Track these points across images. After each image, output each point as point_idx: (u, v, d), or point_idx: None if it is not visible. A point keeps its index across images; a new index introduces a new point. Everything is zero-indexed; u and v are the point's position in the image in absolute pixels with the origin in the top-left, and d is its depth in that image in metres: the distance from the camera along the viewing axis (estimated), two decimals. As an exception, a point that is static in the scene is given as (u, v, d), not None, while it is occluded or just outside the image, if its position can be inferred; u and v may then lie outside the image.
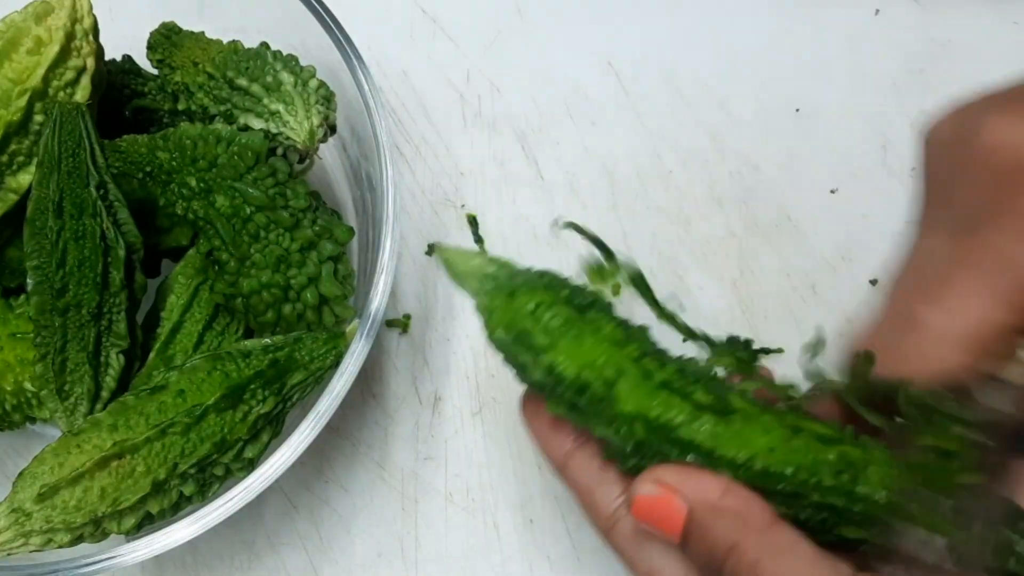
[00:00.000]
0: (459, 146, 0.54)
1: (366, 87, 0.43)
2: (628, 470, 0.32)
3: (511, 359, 0.33)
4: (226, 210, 0.42)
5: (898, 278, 0.32)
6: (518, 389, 0.50)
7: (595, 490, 0.33)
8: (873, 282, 0.51)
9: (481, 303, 0.34)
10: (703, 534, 0.30)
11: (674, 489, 0.30)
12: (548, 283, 0.33)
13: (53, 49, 0.41)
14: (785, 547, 0.29)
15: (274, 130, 0.44)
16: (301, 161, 0.46)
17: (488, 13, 0.56)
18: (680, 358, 0.33)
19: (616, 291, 0.35)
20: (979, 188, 0.31)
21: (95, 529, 0.39)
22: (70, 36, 0.41)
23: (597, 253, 0.35)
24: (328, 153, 0.52)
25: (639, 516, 0.31)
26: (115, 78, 0.48)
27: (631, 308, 0.35)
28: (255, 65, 0.44)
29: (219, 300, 0.44)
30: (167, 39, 0.47)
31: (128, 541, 0.38)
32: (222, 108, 0.45)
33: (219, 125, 0.45)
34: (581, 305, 0.32)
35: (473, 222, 0.53)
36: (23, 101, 0.41)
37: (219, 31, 0.48)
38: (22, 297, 0.44)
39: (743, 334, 0.35)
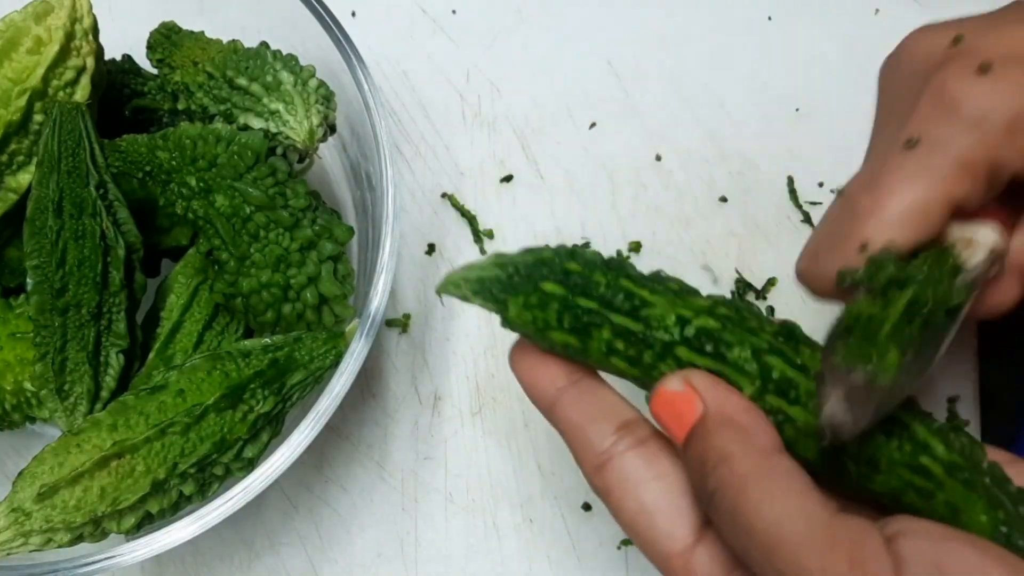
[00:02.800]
0: (459, 146, 0.54)
1: (366, 87, 0.43)
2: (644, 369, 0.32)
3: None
4: (226, 210, 0.42)
5: (849, 182, 0.35)
6: (518, 389, 0.50)
7: (587, 427, 0.32)
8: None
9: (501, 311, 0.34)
10: (703, 440, 0.29)
11: (698, 391, 0.30)
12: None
13: (53, 49, 0.41)
14: (780, 473, 0.28)
15: (274, 130, 0.44)
16: (301, 161, 0.46)
17: (488, 13, 0.56)
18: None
19: None
20: (907, 93, 0.34)
21: (95, 529, 0.39)
22: (70, 36, 0.41)
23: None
24: (328, 153, 0.52)
25: (656, 409, 0.31)
26: (115, 78, 0.48)
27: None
28: (255, 65, 0.44)
29: (219, 300, 0.44)
30: (167, 39, 0.47)
31: (128, 541, 0.38)
32: (222, 108, 0.45)
33: (219, 125, 0.45)
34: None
35: (472, 220, 0.53)
36: (23, 101, 0.41)
37: (219, 31, 0.48)
38: (22, 297, 0.44)
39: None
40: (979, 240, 0.32)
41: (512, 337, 0.35)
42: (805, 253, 0.35)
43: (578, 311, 0.32)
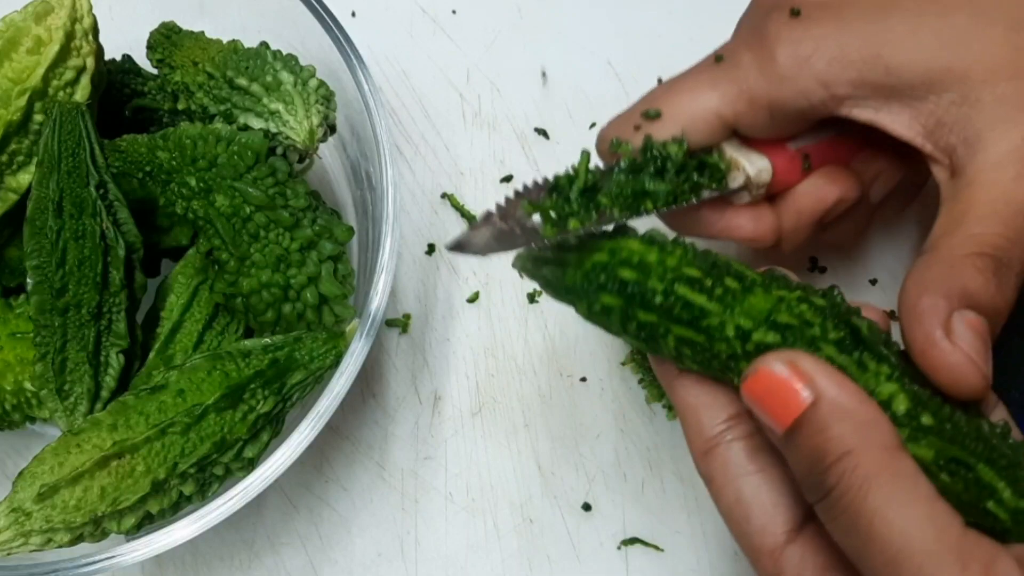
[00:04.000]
0: (459, 146, 0.54)
1: (366, 87, 0.43)
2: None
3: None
4: (226, 210, 0.42)
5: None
6: (518, 389, 0.50)
7: (700, 410, 0.32)
8: (873, 281, 0.51)
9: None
10: (819, 432, 0.27)
11: (807, 376, 0.28)
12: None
13: (53, 49, 0.41)
14: (906, 475, 0.26)
15: (274, 130, 0.44)
16: (301, 161, 0.46)
17: (488, 13, 0.56)
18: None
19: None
20: (746, 26, 0.38)
21: (95, 529, 0.39)
22: (70, 36, 0.41)
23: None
24: (328, 153, 0.52)
25: (750, 392, 0.29)
26: (115, 78, 0.48)
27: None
28: (255, 65, 0.44)
29: (219, 300, 0.44)
30: (167, 39, 0.47)
31: (128, 541, 0.38)
32: (222, 108, 0.45)
33: (219, 125, 0.45)
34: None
35: (472, 220, 0.53)
36: (23, 101, 0.41)
37: (219, 31, 0.48)
38: (22, 297, 0.44)
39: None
40: (739, 163, 0.36)
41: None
42: (610, 122, 0.38)
43: (640, 322, 0.32)
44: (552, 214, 0.34)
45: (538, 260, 0.34)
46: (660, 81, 0.37)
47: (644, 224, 0.34)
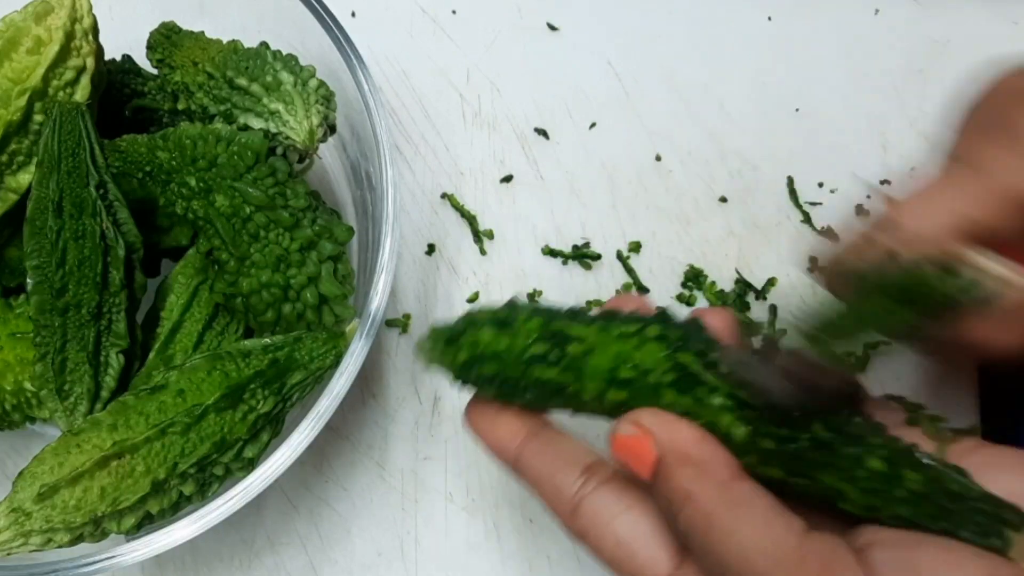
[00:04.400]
0: (459, 146, 0.54)
1: (366, 87, 0.43)
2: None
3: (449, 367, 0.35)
4: (226, 210, 0.42)
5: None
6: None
7: (554, 475, 0.33)
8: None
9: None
10: (666, 481, 0.30)
11: (649, 432, 0.31)
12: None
13: (53, 49, 0.41)
14: (742, 501, 0.29)
15: (274, 130, 0.44)
16: (301, 161, 0.46)
17: (488, 13, 0.56)
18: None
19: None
20: (982, 118, 0.35)
21: (95, 529, 0.39)
22: (70, 36, 0.41)
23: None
24: (328, 153, 0.52)
25: (617, 452, 0.31)
26: (115, 78, 0.48)
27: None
28: (255, 65, 0.44)
29: (219, 300, 0.44)
30: (167, 39, 0.47)
31: (128, 541, 0.38)
32: (222, 108, 0.45)
33: (219, 125, 0.45)
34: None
35: (472, 221, 0.53)
36: (23, 101, 0.41)
37: (219, 31, 0.48)
38: (22, 297, 0.44)
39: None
40: (989, 271, 0.32)
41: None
42: (838, 245, 0.35)
43: (523, 401, 0.34)
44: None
45: (434, 347, 0.35)
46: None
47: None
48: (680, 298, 0.51)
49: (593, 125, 0.54)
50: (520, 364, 0.33)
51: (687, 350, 0.32)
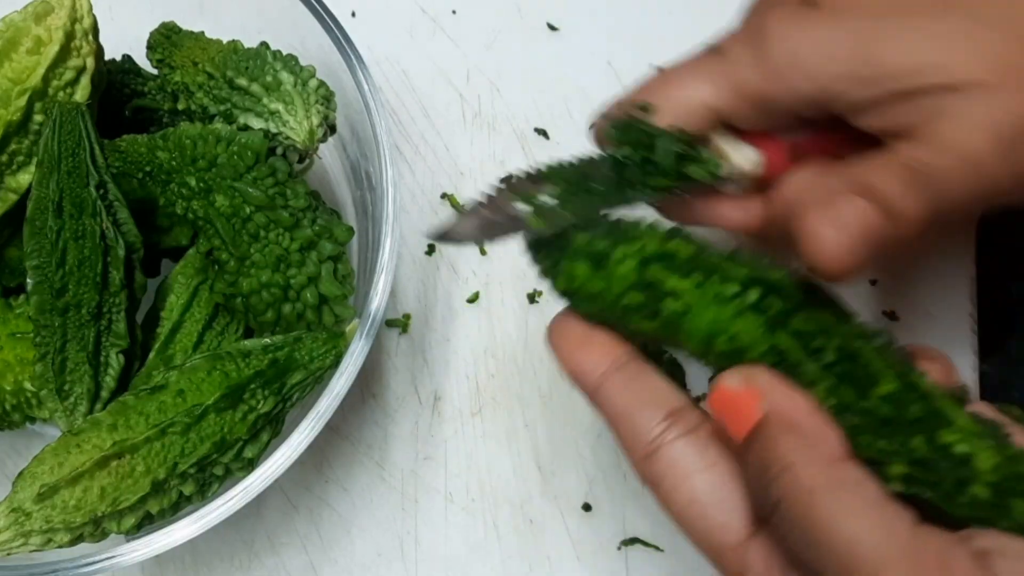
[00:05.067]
0: (459, 146, 0.54)
1: (366, 87, 0.43)
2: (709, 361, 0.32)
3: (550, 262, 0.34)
4: (226, 210, 0.42)
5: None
6: (518, 389, 0.50)
7: (635, 413, 0.31)
8: (873, 282, 0.51)
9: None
10: (765, 446, 0.28)
11: (759, 392, 0.29)
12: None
13: (53, 49, 0.41)
14: (849, 483, 0.27)
15: (274, 130, 0.44)
16: (301, 161, 0.46)
17: (488, 13, 0.56)
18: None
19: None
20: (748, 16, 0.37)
21: (95, 529, 0.39)
22: (70, 36, 0.41)
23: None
24: (328, 153, 0.52)
25: (715, 405, 0.30)
26: (115, 78, 0.48)
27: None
28: (255, 65, 0.44)
29: (219, 300, 0.44)
30: (167, 39, 0.47)
31: (128, 541, 0.38)
32: (222, 108, 0.45)
33: (219, 125, 0.45)
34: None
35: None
36: (23, 101, 0.41)
37: (219, 31, 0.48)
38: (22, 297, 0.44)
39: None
40: (728, 155, 0.35)
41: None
42: (604, 108, 0.37)
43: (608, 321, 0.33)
44: (540, 204, 0.34)
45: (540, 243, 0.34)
46: (660, 69, 0.37)
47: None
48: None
49: (593, 125, 0.54)
50: (617, 309, 0.32)
51: (787, 328, 0.30)
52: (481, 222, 0.33)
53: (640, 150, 0.35)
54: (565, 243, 0.33)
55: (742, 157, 0.36)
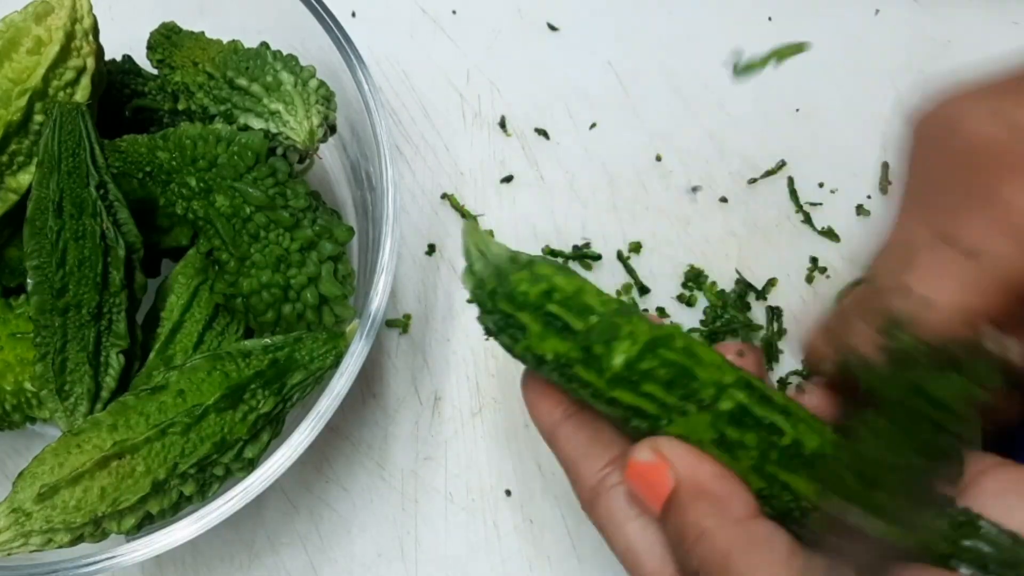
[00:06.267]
0: (459, 146, 0.54)
1: (366, 87, 0.43)
2: (631, 430, 0.32)
3: (502, 330, 0.33)
4: (226, 210, 0.42)
5: (877, 257, 0.33)
6: (518, 389, 0.50)
7: (579, 461, 0.32)
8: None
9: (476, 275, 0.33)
10: (680, 514, 0.29)
11: (667, 461, 0.30)
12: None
13: (53, 49, 0.41)
14: (760, 540, 0.28)
15: (274, 130, 0.44)
16: (301, 161, 0.46)
17: (488, 13, 0.56)
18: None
19: None
20: (957, 176, 0.31)
21: (95, 529, 0.39)
22: (70, 36, 0.41)
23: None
24: (328, 153, 0.52)
25: (630, 478, 0.30)
26: (115, 78, 0.48)
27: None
28: (255, 65, 0.44)
29: (219, 300, 0.44)
30: (167, 39, 0.47)
31: (128, 541, 0.38)
32: (222, 108, 0.45)
33: (219, 125, 0.45)
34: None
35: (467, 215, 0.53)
36: (23, 101, 0.41)
37: (219, 31, 0.48)
38: (22, 297, 0.44)
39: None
40: (1009, 354, 0.30)
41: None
42: (818, 327, 0.32)
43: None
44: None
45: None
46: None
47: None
48: (680, 298, 0.51)
49: (593, 125, 0.54)
50: (601, 398, 0.31)
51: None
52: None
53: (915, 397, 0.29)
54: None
55: (1016, 355, 0.30)
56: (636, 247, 0.52)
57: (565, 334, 0.31)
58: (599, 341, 0.30)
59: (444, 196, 0.53)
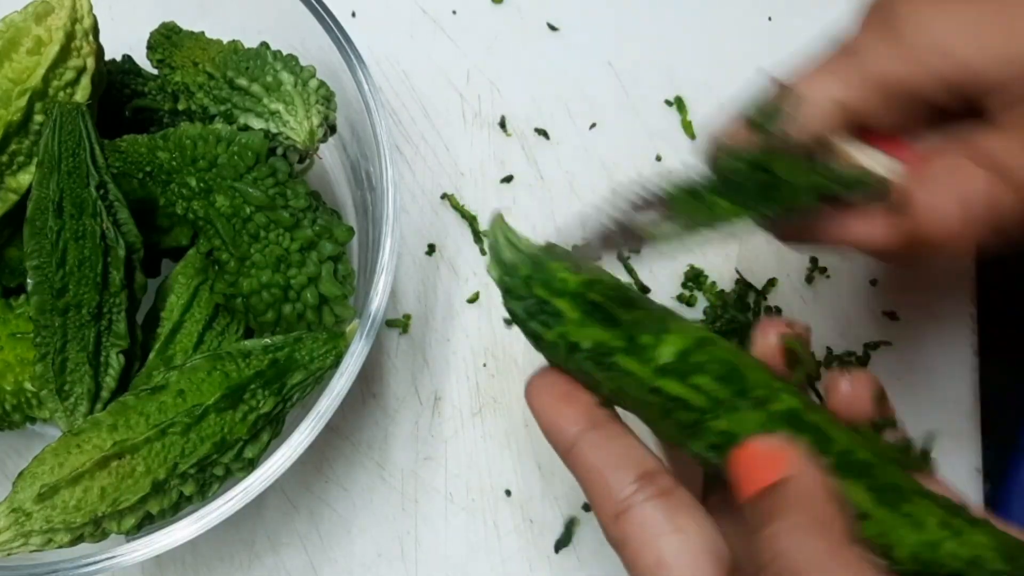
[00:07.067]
0: (459, 146, 0.54)
1: (366, 87, 0.43)
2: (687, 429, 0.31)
3: (532, 316, 0.31)
4: (226, 210, 0.42)
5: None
6: (518, 389, 0.50)
7: (608, 473, 0.31)
8: (872, 282, 0.51)
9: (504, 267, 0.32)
10: (781, 508, 0.27)
11: (791, 459, 0.28)
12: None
13: (53, 49, 0.41)
14: (851, 562, 0.27)
15: (274, 130, 0.44)
16: (301, 161, 0.46)
17: (488, 13, 0.56)
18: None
19: None
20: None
21: (95, 529, 0.39)
22: (70, 36, 0.41)
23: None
24: (328, 153, 0.52)
25: (741, 453, 0.29)
26: (115, 78, 0.48)
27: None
28: (255, 65, 0.44)
29: (219, 300, 0.44)
30: (167, 39, 0.47)
31: (128, 541, 0.38)
32: (222, 108, 0.45)
33: (219, 125, 0.45)
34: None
35: (472, 221, 0.53)
36: (23, 101, 0.41)
37: (219, 31, 0.48)
38: (22, 297, 0.44)
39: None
40: (863, 164, 0.33)
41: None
42: (722, 124, 0.36)
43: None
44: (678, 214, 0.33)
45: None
46: (773, 79, 0.35)
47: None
48: (680, 298, 0.51)
49: (593, 125, 0.54)
50: (643, 388, 0.30)
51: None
52: (604, 238, 0.33)
53: (761, 169, 0.33)
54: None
55: (879, 164, 0.33)
56: (636, 248, 0.52)
57: (607, 323, 0.30)
58: (648, 332, 0.30)
59: (444, 196, 0.53)
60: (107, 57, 0.46)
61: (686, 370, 0.30)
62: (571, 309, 0.30)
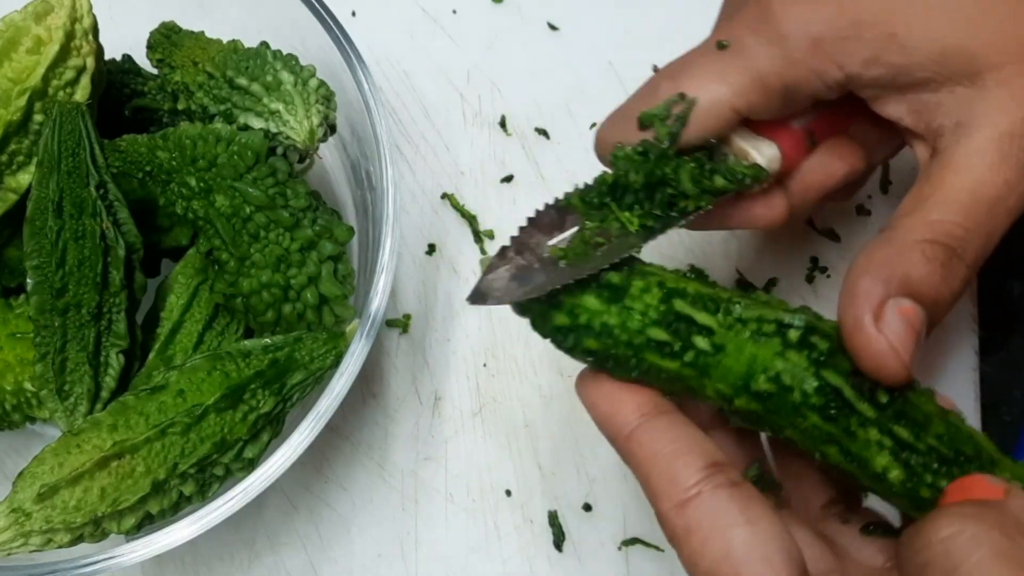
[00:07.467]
0: (459, 146, 0.54)
1: (366, 87, 0.43)
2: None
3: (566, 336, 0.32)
4: (226, 210, 0.42)
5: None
6: (518, 389, 0.50)
7: (673, 460, 0.30)
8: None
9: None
10: (986, 528, 0.26)
11: (1010, 494, 0.28)
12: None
13: (53, 49, 0.41)
14: None
15: (274, 129, 0.44)
16: (301, 161, 0.46)
17: (488, 13, 0.56)
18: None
19: None
20: None
21: (95, 529, 0.39)
22: (70, 36, 0.41)
23: None
24: (328, 153, 0.52)
25: (963, 480, 0.29)
26: (115, 78, 0.48)
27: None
28: (255, 64, 0.44)
29: (219, 300, 0.44)
30: (167, 39, 0.47)
31: (128, 541, 0.38)
32: (222, 107, 0.45)
33: (219, 125, 0.45)
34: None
35: (473, 221, 0.53)
36: (23, 101, 0.41)
37: (219, 31, 0.48)
38: (22, 297, 0.44)
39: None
40: (753, 156, 0.34)
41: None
42: (608, 119, 0.36)
43: (624, 372, 0.32)
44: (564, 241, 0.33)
45: (527, 303, 0.32)
46: (655, 69, 0.36)
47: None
48: (680, 298, 0.51)
49: (593, 125, 0.54)
50: (631, 347, 0.30)
51: (836, 368, 0.30)
52: (514, 271, 0.32)
53: (654, 177, 0.33)
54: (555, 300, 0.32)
55: (763, 156, 0.35)
56: (636, 247, 0.52)
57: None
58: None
59: (444, 196, 0.53)
60: (107, 57, 0.46)
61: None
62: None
